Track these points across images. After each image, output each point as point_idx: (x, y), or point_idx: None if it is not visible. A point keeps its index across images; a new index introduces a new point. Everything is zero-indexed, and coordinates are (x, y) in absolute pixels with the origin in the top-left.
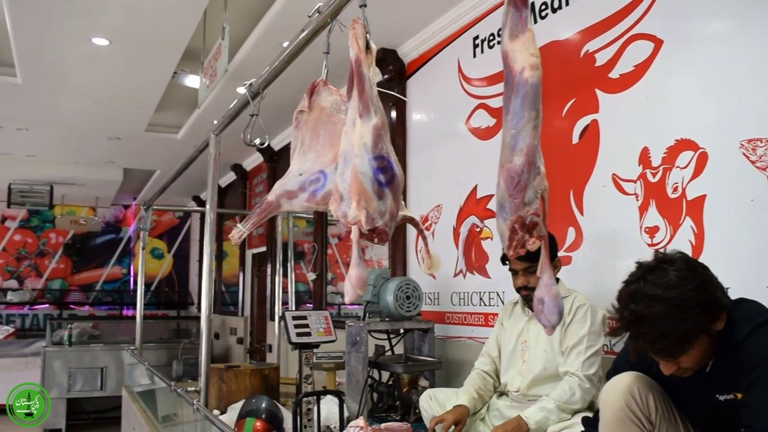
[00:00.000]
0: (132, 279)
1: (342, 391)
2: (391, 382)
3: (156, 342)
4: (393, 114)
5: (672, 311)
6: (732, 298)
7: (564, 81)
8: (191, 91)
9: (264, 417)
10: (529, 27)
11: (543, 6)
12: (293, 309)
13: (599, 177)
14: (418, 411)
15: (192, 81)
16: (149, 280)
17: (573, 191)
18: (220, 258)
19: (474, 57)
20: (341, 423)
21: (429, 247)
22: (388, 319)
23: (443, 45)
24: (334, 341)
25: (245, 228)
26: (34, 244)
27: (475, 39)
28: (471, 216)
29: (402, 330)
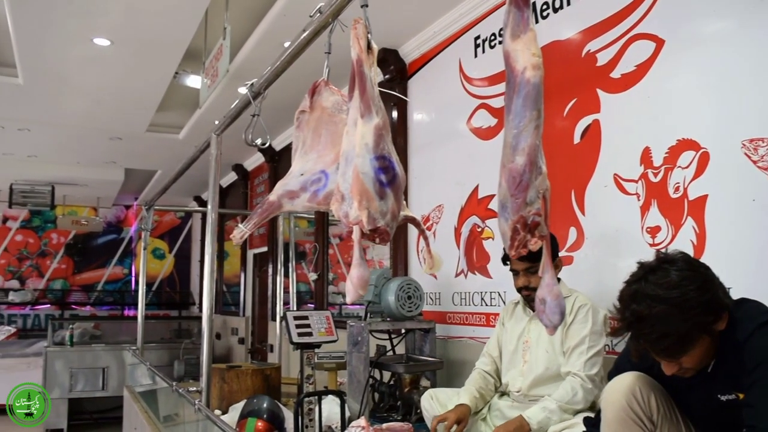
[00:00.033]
0: (133, 279)
1: (343, 391)
2: (393, 382)
3: (157, 342)
4: (394, 114)
5: (673, 311)
6: (734, 298)
7: (565, 81)
8: (192, 92)
9: (265, 417)
10: (531, 27)
11: (544, 6)
12: (294, 309)
13: (601, 177)
14: (419, 411)
15: (193, 81)
16: (151, 280)
17: (574, 191)
18: (221, 258)
19: (475, 57)
20: (343, 423)
21: (430, 247)
22: (389, 319)
23: (444, 45)
24: (335, 341)
25: (247, 228)
26: (35, 244)
27: (477, 39)
28: (472, 216)
29: (403, 330)
